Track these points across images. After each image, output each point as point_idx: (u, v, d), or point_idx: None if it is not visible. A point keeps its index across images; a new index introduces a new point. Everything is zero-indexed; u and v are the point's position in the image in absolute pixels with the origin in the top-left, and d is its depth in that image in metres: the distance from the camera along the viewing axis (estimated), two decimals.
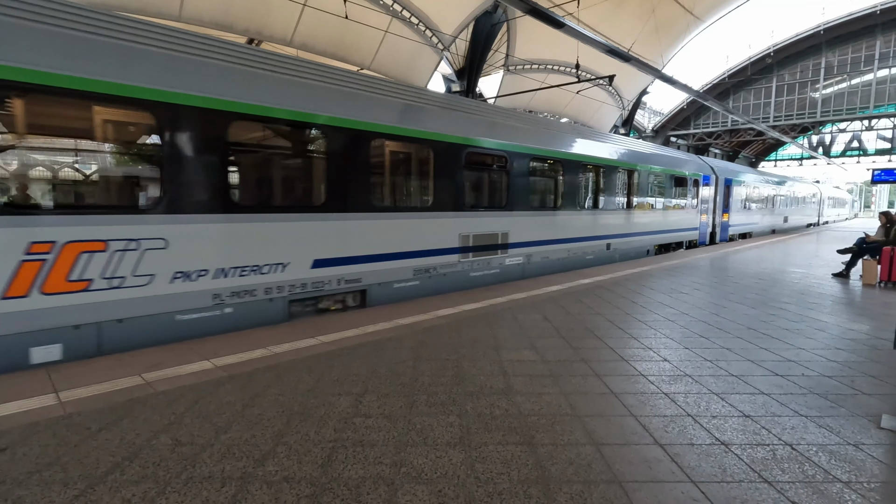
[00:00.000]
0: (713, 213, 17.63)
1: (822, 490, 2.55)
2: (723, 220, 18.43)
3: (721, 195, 18.02)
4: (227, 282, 5.29)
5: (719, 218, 18.18)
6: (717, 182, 17.64)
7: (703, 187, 16.63)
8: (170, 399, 3.52)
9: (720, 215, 18.19)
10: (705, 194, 16.80)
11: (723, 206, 18.36)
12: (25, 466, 2.62)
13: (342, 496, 2.41)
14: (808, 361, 4.67)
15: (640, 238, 13.23)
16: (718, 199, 17.88)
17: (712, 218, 17.67)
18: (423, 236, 7.50)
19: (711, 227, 17.65)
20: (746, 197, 21.01)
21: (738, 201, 19.81)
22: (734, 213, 19.51)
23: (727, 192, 18.56)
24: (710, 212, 17.44)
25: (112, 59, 4.55)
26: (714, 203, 17.64)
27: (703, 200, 16.76)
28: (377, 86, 7.13)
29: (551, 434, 3.09)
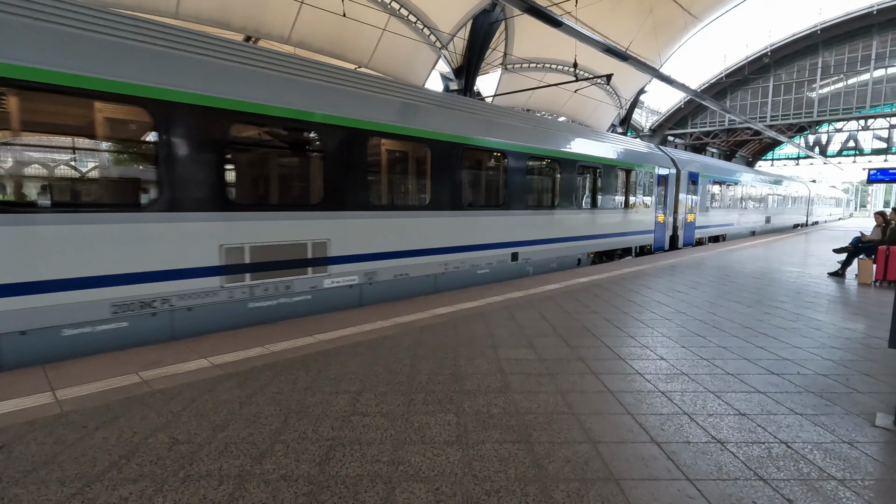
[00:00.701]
0: (674, 212, 15.28)
1: (817, 488, 2.57)
2: (688, 220, 16.01)
3: (685, 192, 15.67)
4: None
5: (683, 218, 15.73)
6: (680, 177, 15.27)
7: (661, 182, 14.27)
8: (167, 397, 3.52)
9: (684, 215, 15.78)
10: (663, 191, 14.44)
11: (688, 205, 16.02)
12: (22, 465, 2.61)
13: (340, 494, 2.42)
14: (804, 360, 4.70)
15: (566, 245, 10.57)
16: (682, 197, 15.52)
17: (673, 218, 15.28)
18: (135, 252, 4.81)
19: (672, 229, 15.31)
20: (719, 194, 18.60)
21: (707, 199, 17.39)
22: (703, 212, 17.14)
23: (693, 189, 16.27)
24: (671, 211, 15.03)
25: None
26: (676, 201, 15.24)
27: (661, 198, 14.35)
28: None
29: (548, 432, 3.10)
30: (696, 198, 16.50)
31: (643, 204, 13.34)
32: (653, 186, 13.72)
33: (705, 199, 17.29)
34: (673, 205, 15.18)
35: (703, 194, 17.05)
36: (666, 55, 29.74)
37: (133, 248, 4.81)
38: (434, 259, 7.82)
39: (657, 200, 14.08)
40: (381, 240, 7.02)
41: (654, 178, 13.80)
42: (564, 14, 11.34)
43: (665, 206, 14.66)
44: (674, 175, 15.04)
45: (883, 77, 33.90)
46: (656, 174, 13.92)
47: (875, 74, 34.02)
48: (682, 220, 15.79)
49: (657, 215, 14.17)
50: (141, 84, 4.72)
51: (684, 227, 15.88)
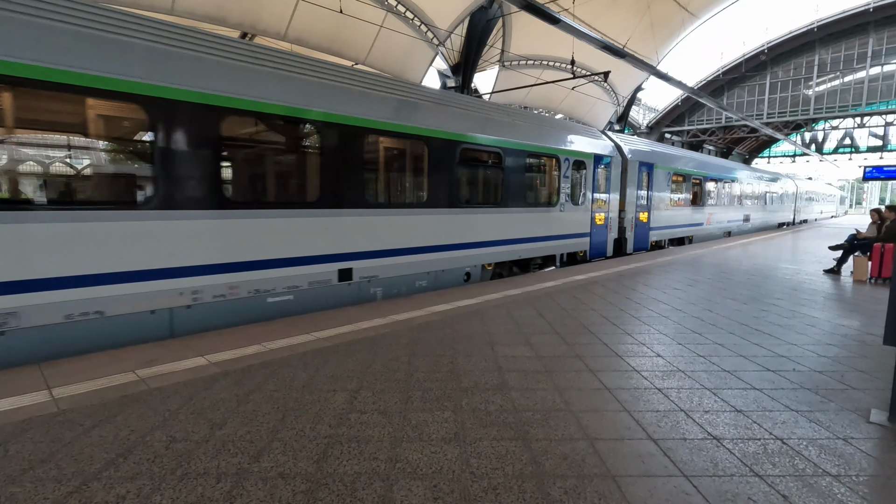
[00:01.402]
0: (621, 210, 12.83)
1: (812, 484, 2.59)
2: (640, 220, 13.47)
3: (636, 186, 13.23)
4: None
5: (633, 217, 13.24)
6: (628, 167, 12.75)
7: (600, 174, 11.68)
8: (164, 395, 3.51)
9: (635, 214, 13.24)
10: (604, 184, 11.89)
11: (640, 202, 13.52)
12: (19, 463, 2.60)
13: (337, 492, 2.42)
14: (800, 357, 4.72)
15: (442, 256, 7.96)
16: (632, 192, 13.01)
17: (619, 218, 12.81)
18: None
19: (618, 230, 12.80)
20: (682, 190, 16.01)
21: (665, 195, 14.74)
22: (660, 210, 14.54)
23: (648, 182, 13.80)
24: (615, 210, 12.51)
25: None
26: (623, 197, 12.79)
27: (601, 193, 11.78)
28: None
29: (545, 429, 3.11)
30: (651, 193, 13.96)
31: (572, 200, 10.70)
32: (588, 179, 11.15)
33: (664, 195, 14.67)
34: (619, 201, 12.72)
35: (661, 189, 14.52)
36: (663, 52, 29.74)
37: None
38: (216, 280, 5.40)
39: (594, 196, 11.53)
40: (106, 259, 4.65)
41: (591, 168, 11.18)
42: (562, 11, 11.27)
43: (607, 204, 12.11)
44: (619, 165, 12.53)
45: (879, 74, 33.98)
46: (593, 164, 11.29)
47: (871, 72, 34.10)
48: (632, 219, 13.13)
49: (595, 214, 11.56)
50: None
51: (634, 229, 13.27)
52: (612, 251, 12.56)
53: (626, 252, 13.11)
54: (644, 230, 13.90)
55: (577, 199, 11.06)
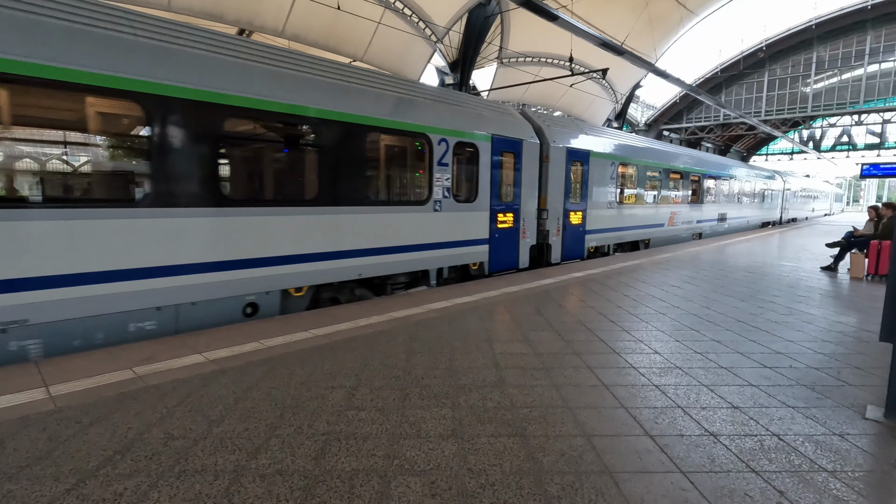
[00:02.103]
0: (542, 210, 10.11)
1: (808, 479, 2.60)
2: (570, 222, 10.81)
3: (563, 179, 10.45)
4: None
5: (561, 219, 10.48)
6: (551, 156, 10.01)
7: (505, 163, 9.07)
8: (162, 393, 3.51)
9: (563, 214, 10.53)
10: (512, 176, 9.30)
11: (570, 200, 10.76)
12: (16, 461, 2.60)
13: (336, 489, 2.42)
14: (796, 353, 4.74)
15: (186, 280, 5.24)
16: (556, 187, 10.26)
17: (539, 220, 10.08)
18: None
19: (537, 235, 10.09)
20: (634, 184, 13.36)
21: (608, 191, 12.07)
22: (600, 210, 11.81)
23: (582, 176, 11.14)
24: (532, 209, 9.81)
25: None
26: (544, 193, 10.06)
27: (507, 187, 9.24)
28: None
29: (543, 426, 3.12)
30: (587, 188, 11.28)
31: (456, 196, 8.09)
32: (485, 168, 8.57)
33: (606, 191, 12.01)
34: (540, 198, 10.06)
35: (603, 183, 11.85)
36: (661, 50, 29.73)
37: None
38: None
39: (497, 191, 8.84)
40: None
41: (487, 154, 8.57)
42: (560, 8, 11.09)
43: (518, 201, 9.39)
44: (535, 152, 9.71)
45: (876, 72, 34.03)
46: (491, 148, 8.63)
47: (869, 69, 34.15)
48: (558, 220, 10.38)
49: (497, 215, 8.91)
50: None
51: (562, 232, 10.54)
52: (527, 261, 9.75)
53: (550, 262, 10.30)
54: (577, 234, 11.11)
55: (465, 194, 8.38)
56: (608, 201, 12.18)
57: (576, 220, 11.01)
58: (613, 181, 12.28)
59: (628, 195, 13.21)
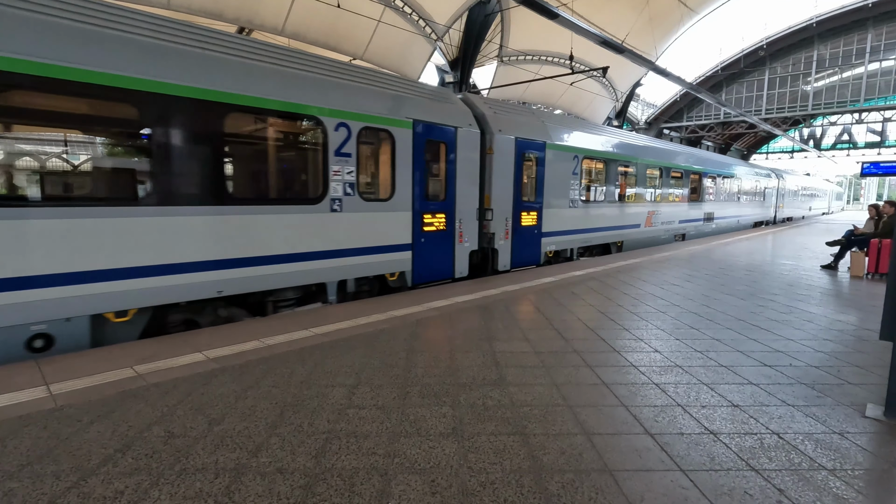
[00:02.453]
0: (484, 208, 8.76)
1: (808, 478, 2.61)
2: (522, 223, 9.47)
3: (514, 175, 9.14)
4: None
5: (509, 221, 9.17)
6: (494, 147, 8.67)
7: (436, 154, 7.85)
8: (162, 391, 3.51)
9: (512, 214, 9.21)
10: (444, 170, 7.95)
11: (522, 198, 9.42)
12: (17, 459, 2.60)
13: (336, 487, 2.43)
14: (796, 352, 4.74)
15: (22, 297, 4.22)
16: (503, 184, 8.94)
17: (483, 221, 8.75)
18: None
19: (479, 240, 8.73)
20: (601, 181, 12.04)
21: (570, 188, 10.61)
22: (559, 209, 10.36)
23: (536, 170, 9.75)
24: (472, 209, 8.45)
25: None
26: (488, 190, 8.74)
27: (436, 182, 7.96)
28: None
29: (543, 424, 3.12)
30: (543, 184, 9.87)
31: (363, 194, 6.71)
32: (405, 160, 7.17)
33: (567, 187, 10.52)
34: (485, 196, 8.75)
35: (563, 179, 10.37)
36: (662, 48, 29.69)
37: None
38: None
39: (423, 188, 7.49)
40: None
41: (406, 143, 7.16)
42: (561, 6, 11.02)
43: (452, 200, 8.01)
44: (475, 142, 8.35)
45: (877, 70, 33.96)
46: (412, 137, 7.23)
47: (869, 68, 34.08)
48: (506, 222, 9.06)
49: (424, 216, 7.56)
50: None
51: (512, 236, 9.22)
52: (466, 270, 8.38)
53: (497, 269, 9.00)
54: (531, 237, 9.68)
55: (377, 191, 7.12)
56: (571, 199, 10.73)
57: (529, 221, 9.61)
58: (577, 177, 10.82)
59: (596, 193, 11.92)
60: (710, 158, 18.88)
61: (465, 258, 8.37)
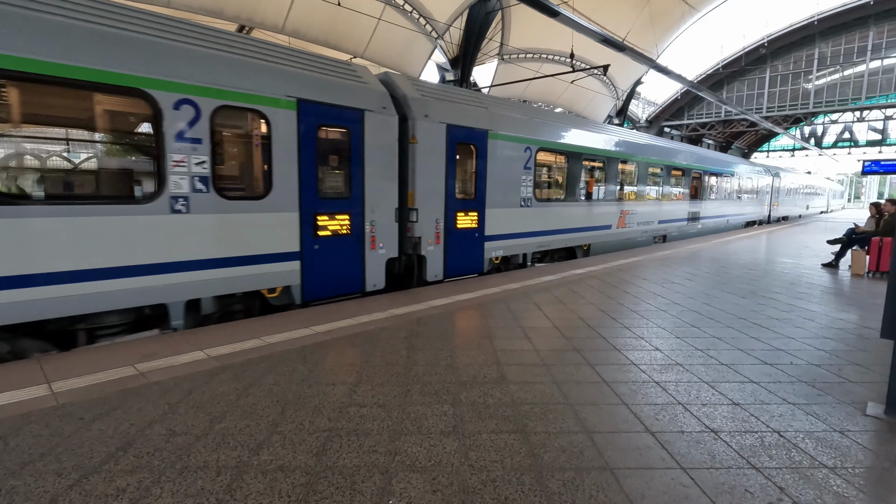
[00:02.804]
0: (411, 209, 7.43)
1: (809, 476, 2.61)
2: (458, 226, 8.10)
3: (446, 169, 7.78)
4: None
5: (438, 222, 7.76)
6: (417, 134, 7.33)
7: (329, 143, 6.46)
8: (164, 389, 3.52)
9: (445, 215, 7.86)
10: (348, 160, 6.59)
11: (456, 195, 8.07)
12: (18, 457, 2.61)
13: (337, 484, 2.43)
14: (797, 350, 4.74)
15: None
16: (429, 179, 7.58)
17: (400, 224, 7.33)
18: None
19: (400, 245, 7.37)
20: (557, 176, 10.74)
21: (517, 184, 9.17)
22: (505, 208, 8.94)
23: (476, 163, 8.35)
24: (389, 208, 7.05)
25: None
26: (413, 186, 7.40)
27: (340, 177, 6.67)
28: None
29: (544, 422, 3.12)
30: (486, 180, 8.47)
31: (220, 189, 5.42)
32: (286, 147, 5.87)
33: (517, 183, 9.16)
34: (408, 193, 7.42)
35: (511, 173, 9.01)
36: (663, 46, 29.62)
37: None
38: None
39: (315, 183, 6.15)
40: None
41: (293, 128, 5.91)
42: (561, 3, 10.89)
43: (358, 197, 6.62)
44: (390, 129, 6.94)
45: (879, 68, 33.87)
46: (298, 118, 5.94)
47: (871, 65, 34.00)
48: (439, 224, 7.75)
49: (318, 218, 6.22)
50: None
51: (445, 240, 7.87)
52: (382, 280, 7.00)
53: (426, 279, 7.66)
54: (470, 241, 8.33)
55: (245, 187, 5.89)
56: (523, 198, 9.33)
57: (468, 222, 8.24)
58: (530, 171, 9.41)
59: (555, 190, 10.57)
60: (695, 153, 17.19)
61: (380, 267, 6.96)
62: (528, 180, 9.45)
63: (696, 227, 17.24)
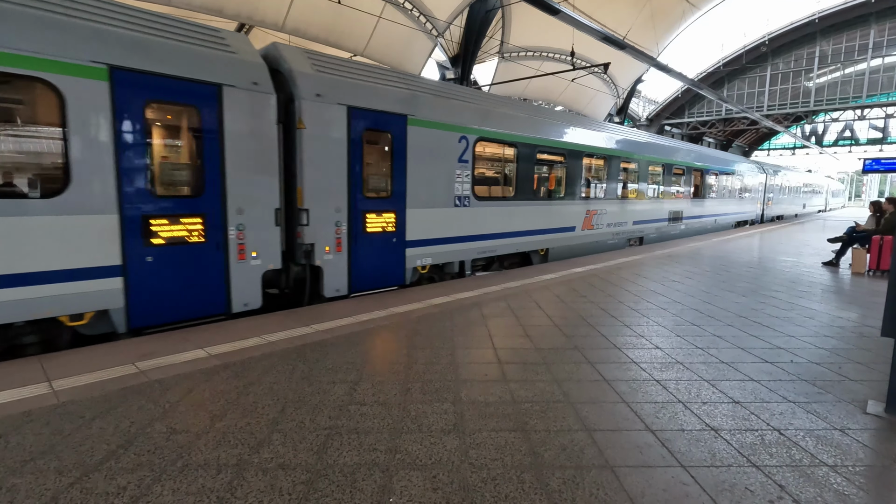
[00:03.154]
0: (301, 210, 6.04)
1: (809, 474, 2.61)
2: (367, 229, 6.73)
3: (347, 161, 6.39)
4: None
5: (339, 224, 6.39)
6: (304, 116, 5.95)
7: (169, 126, 5.30)
8: (164, 387, 3.52)
9: (350, 217, 6.49)
10: (199, 150, 5.24)
11: (366, 191, 6.73)
12: (19, 455, 2.61)
13: (337, 482, 2.43)
14: (797, 349, 4.74)
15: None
16: (325, 173, 6.19)
17: (285, 228, 6.12)
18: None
19: (283, 255, 6.00)
20: (506, 171, 9.26)
21: (449, 179, 7.84)
22: (433, 208, 7.59)
23: (391, 153, 6.99)
24: (269, 209, 5.70)
25: None
26: (302, 182, 6.04)
27: (186, 169, 5.33)
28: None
29: (544, 420, 3.13)
30: (404, 174, 7.11)
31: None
32: (95, 132, 4.52)
33: (450, 178, 7.81)
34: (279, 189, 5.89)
35: (441, 167, 7.66)
36: (664, 44, 29.58)
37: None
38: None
39: (146, 175, 4.88)
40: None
41: (106, 105, 4.56)
42: (562, 1, 10.77)
43: (215, 195, 5.33)
44: (265, 109, 5.65)
45: (880, 66, 33.82)
46: (115, 96, 4.61)
47: (872, 64, 33.94)
48: (341, 228, 6.39)
49: (151, 221, 4.91)
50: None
51: (350, 246, 6.50)
52: (258, 299, 5.69)
53: (324, 294, 6.27)
54: (387, 248, 6.98)
55: (27, 182, 4.43)
56: (458, 196, 7.97)
57: (382, 225, 6.87)
58: (467, 165, 8.07)
59: (501, 187, 9.21)
60: (677, 148, 15.70)
61: (253, 282, 5.62)
62: (466, 175, 8.11)
63: (679, 228, 15.93)
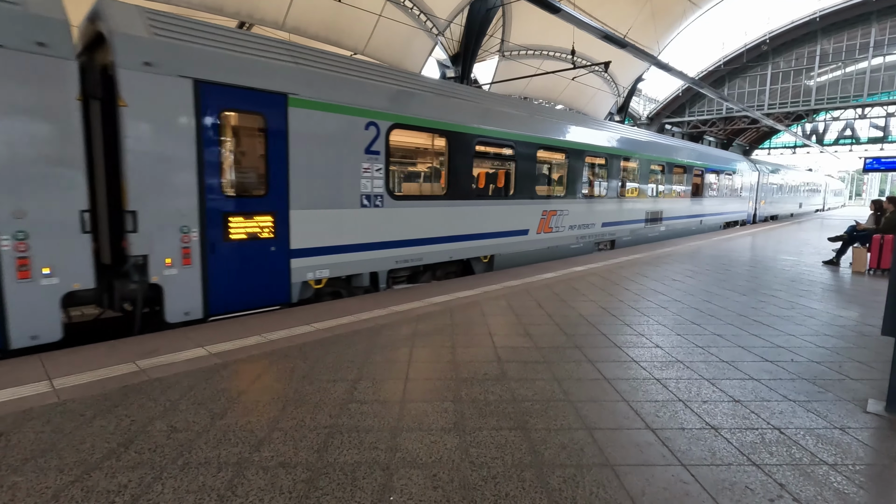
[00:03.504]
0: (129, 214, 4.64)
1: (809, 472, 2.61)
2: (235, 237, 5.41)
3: (195, 149, 5.01)
4: None
5: (187, 229, 5.03)
6: (130, 92, 4.55)
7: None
8: (165, 386, 3.52)
9: (204, 221, 5.15)
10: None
11: (219, 189, 5.27)
12: (20, 453, 2.62)
13: (338, 481, 2.43)
14: (798, 347, 4.74)
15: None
16: (159, 164, 4.78)
17: (95, 235, 4.66)
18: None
19: (97, 271, 4.59)
20: (434, 164, 8.27)
21: (350, 175, 6.40)
22: (330, 211, 6.26)
23: (266, 143, 5.60)
24: (72, 215, 4.33)
25: None
26: (125, 176, 4.63)
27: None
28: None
29: (545, 419, 3.13)
30: (286, 167, 5.78)
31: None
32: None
33: (355, 174, 6.50)
34: (86, 185, 4.42)
35: (338, 159, 6.29)
36: (664, 42, 29.54)
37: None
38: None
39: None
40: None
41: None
42: (562, 0, 10.73)
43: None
44: (51, 80, 4.12)
45: (881, 65, 33.76)
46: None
47: (873, 62, 33.89)
48: (188, 237, 5.05)
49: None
50: None
51: (208, 259, 5.21)
52: (58, 329, 4.42)
53: (167, 320, 5.03)
54: (262, 258, 5.71)
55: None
56: (366, 194, 6.66)
57: (253, 230, 5.59)
58: (378, 157, 6.74)
59: (429, 184, 8.16)
60: (657, 143, 14.20)
61: (47, 308, 4.34)
62: (377, 170, 6.75)
63: (658, 230, 14.54)
